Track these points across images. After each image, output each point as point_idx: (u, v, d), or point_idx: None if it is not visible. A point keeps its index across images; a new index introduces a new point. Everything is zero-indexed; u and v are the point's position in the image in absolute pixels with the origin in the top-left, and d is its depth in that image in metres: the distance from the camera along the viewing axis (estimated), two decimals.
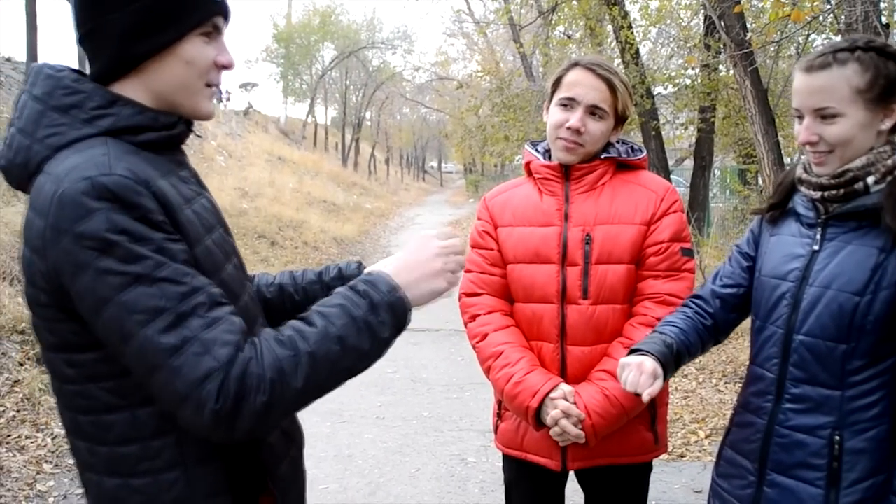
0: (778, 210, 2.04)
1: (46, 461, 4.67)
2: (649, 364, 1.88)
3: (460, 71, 31.92)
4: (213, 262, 1.41)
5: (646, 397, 1.86)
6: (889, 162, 1.81)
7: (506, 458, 2.54)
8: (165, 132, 1.44)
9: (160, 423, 1.36)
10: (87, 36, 1.41)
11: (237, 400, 1.25)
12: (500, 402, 2.48)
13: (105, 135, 1.36)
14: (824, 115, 1.81)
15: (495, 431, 2.53)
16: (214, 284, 1.34)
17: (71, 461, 4.71)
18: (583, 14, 13.34)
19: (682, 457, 5.08)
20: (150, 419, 1.36)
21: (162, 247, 1.27)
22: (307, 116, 41.61)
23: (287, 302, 1.81)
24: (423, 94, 43.40)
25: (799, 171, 1.96)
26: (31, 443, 4.81)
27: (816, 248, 1.89)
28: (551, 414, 2.19)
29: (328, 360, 1.34)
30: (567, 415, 2.18)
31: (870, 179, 1.81)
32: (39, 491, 4.37)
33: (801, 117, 1.86)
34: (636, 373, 1.87)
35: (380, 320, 1.40)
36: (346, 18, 43.67)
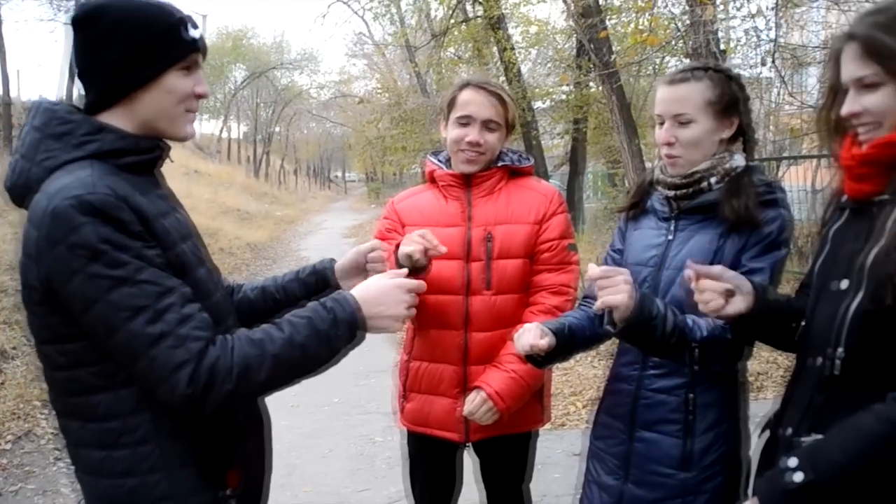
0: (638, 208, 2.14)
1: None
2: (533, 326, 1.96)
3: (361, 88, 31.63)
4: (185, 265, 1.49)
5: (525, 346, 1.92)
6: (727, 166, 1.95)
7: (410, 434, 2.56)
8: (145, 155, 1.52)
9: (138, 401, 1.44)
10: (84, 70, 1.50)
11: (206, 386, 1.38)
12: (403, 385, 2.51)
13: (92, 158, 1.44)
14: (681, 121, 1.93)
15: (401, 412, 2.54)
16: (185, 285, 1.43)
17: (5, 461, 4.50)
18: (471, 37, 13.55)
19: (562, 425, 5.20)
20: (130, 398, 1.44)
21: (140, 253, 1.37)
22: (220, 132, 40.62)
23: (269, 300, 1.91)
24: (328, 109, 42.85)
25: (655, 174, 2.07)
26: None
27: (670, 237, 2.00)
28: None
29: (289, 363, 1.48)
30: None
31: (712, 180, 1.94)
32: None
33: (661, 123, 1.98)
34: (524, 333, 1.95)
35: (338, 334, 1.53)
36: (257, 41, 42.76)
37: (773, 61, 6.58)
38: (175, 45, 1.50)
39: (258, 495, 1.69)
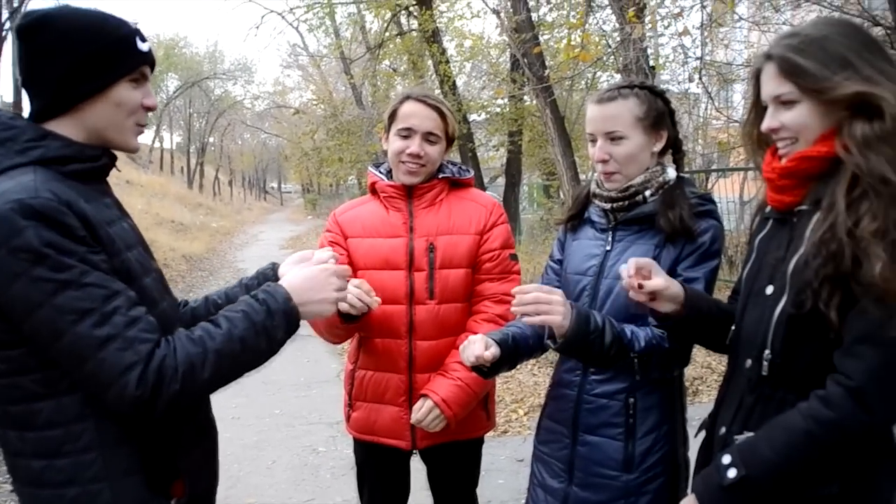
0: (577, 220, 2.20)
1: None
2: (478, 338, 1.98)
3: (297, 99, 31.32)
4: (131, 272, 1.48)
5: (471, 358, 1.93)
6: (661, 179, 2.04)
7: (357, 443, 2.56)
8: (90, 163, 1.51)
9: (81, 409, 1.42)
10: (30, 79, 1.49)
11: (154, 387, 1.37)
12: (349, 394, 2.52)
13: (35, 164, 1.42)
14: (613, 138, 2.00)
15: (347, 420, 2.54)
16: (131, 290, 1.42)
17: None
18: (406, 50, 13.60)
19: (505, 432, 5.26)
20: (73, 405, 1.42)
21: (85, 257, 1.35)
22: (153, 142, 39.70)
23: (211, 306, 1.90)
24: (263, 120, 42.29)
25: (592, 187, 2.14)
26: None
27: (608, 248, 2.07)
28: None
29: (231, 357, 1.48)
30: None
31: (647, 192, 2.02)
32: None
33: (594, 141, 2.05)
34: (470, 345, 1.96)
35: (275, 325, 1.54)
36: (190, 51, 41.94)
37: (701, 78, 6.81)
38: (125, 57, 1.50)
39: None
